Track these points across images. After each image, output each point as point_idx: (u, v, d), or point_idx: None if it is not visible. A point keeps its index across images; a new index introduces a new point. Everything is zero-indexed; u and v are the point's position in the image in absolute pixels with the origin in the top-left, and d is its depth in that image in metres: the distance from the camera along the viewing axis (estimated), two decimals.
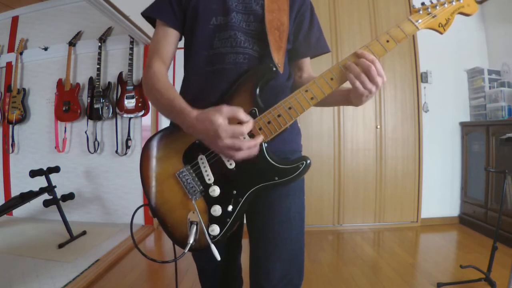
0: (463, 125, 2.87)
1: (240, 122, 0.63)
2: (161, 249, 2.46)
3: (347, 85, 0.69)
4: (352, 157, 2.81)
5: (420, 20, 0.68)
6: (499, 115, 2.57)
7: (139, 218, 2.83)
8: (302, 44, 0.83)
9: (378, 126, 2.81)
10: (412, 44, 2.83)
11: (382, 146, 2.81)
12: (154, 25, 0.82)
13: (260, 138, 0.65)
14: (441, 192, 2.88)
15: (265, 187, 0.69)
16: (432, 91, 2.85)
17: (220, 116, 0.60)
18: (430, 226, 2.80)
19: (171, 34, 0.79)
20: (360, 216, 2.82)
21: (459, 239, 2.51)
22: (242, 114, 0.62)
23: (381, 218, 2.82)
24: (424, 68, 2.85)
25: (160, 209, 0.73)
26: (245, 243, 0.86)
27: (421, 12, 0.69)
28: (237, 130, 0.61)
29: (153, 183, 0.73)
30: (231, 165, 0.69)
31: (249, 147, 0.63)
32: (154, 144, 0.75)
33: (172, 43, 0.79)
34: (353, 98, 0.69)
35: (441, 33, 0.70)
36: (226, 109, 0.61)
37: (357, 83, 0.63)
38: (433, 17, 0.68)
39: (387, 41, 0.67)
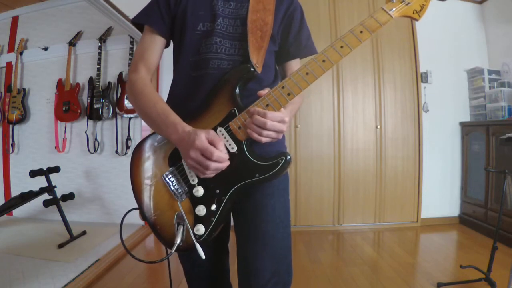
0: (463, 125, 2.87)
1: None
2: (161, 249, 2.46)
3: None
4: (352, 157, 2.81)
5: (393, 9, 0.68)
6: (499, 115, 2.57)
7: (139, 218, 2.83)
8: (293, 45, 0.83)
9: (378, 126, 2.81)
10: (412, 44, 2.83)
11: (382, 146, 2.81)
12: (142, 31, 0.83)
13: (226, 163, 0.66)
14: (441, 192, 2.88)
15: (248, 184, 0.69)
16: (432, 91, 2.85)
17: (205, 133, 0.63)
18: (430, 226, 2.80)
19: (158, 41, 0.80)
20: (360, 216, 2.82)
21: (459, 239, 2.51)
22: (220, 144, 0.64)
23: (381, 218, 2.82)
24: (424, 68, 2.85)
25: (149, 211, 0.75)
26: (232, 247, 0.86)
27: (394, 0, 0.69)
28: (208, 149, 0.62)
29: (142, 187, 0.75)
30: None
31: (216, 169, 0.65)
32: (143, 148, 0.77)
33: (158, 50, 0.81)
34: None
35: (416, 19, 0.70)
36: (212, 133, 0.64)
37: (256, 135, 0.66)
38: (407, 4, 0.68)
39: (361, 32, 0.67)
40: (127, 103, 2.74)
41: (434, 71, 2.85)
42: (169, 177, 0.72)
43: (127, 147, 2.84)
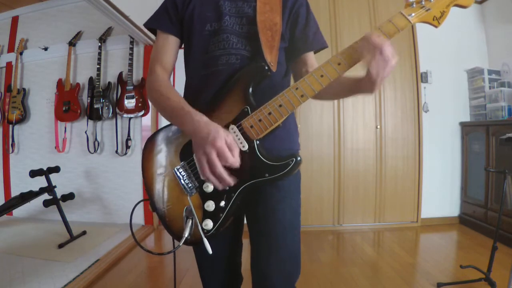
0: (463, 125, 2.87)
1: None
2: (161, 249, 2.46)
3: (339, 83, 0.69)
4: (352, 157, 2.81)
5: (413, 14, 0.66)
6: (499, 115, 2.57)
7: (139, 218, 2.83)
8: (300, 40, 0.84)
9: (378, 126, 2.81)
10: (412, 44, 2.83)
11: (382, 146, 2.81)
12: (155, 34, 0.85)
13: (231, 182, 0.65)
14: (441, 192, 2.88)
15: (257, 183, 0.70)
16: (432, 91, 2.85)
17: (225, 134, 0.64)
18: (430, 226, 2.80)
19: (171, 42, 0.82)
20: (360, 216, 2.82)
21: (459, 239, 2.51)
22: (236, 152, 0.64)
23: (381, 218, 2.82)
24: (424, 68, 2.85)
25: (159, 203, 0.76)
26: (246, 242, 0.87)
27: (414, 5, 0.66)
28: (226, 153, 0.62)
29: (153, 178, 0.77)
30: None
31: (220, 176, 0.64)
32: (155, 141, 0.79)
33: (171, 50, 0.83)
34: (366, 81, 0.67)
35: (435, 26, 0.68)
36: (232, 137, 0.66)
37: (369, 58, 0.63)
38: (427, 10, 0.66)
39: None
40: (127, 103, 2.74)
41: (434, 71, 2.85)
42: (180, 171, 0.73)
43: (127, 147, 2.84)
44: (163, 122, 2.94)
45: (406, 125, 2.83)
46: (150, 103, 2.82)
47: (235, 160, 0.63)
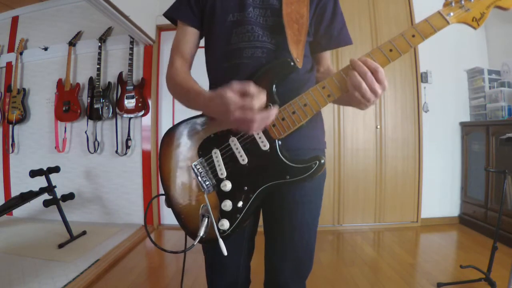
0: (463, 125, 2.87)
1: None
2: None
3: None
4: (352, 157, 2.81)
5: (451, 14, 0.62)
6: (499, 115, 2.56)
7: (139, 218, 2.83)
8: (323, 37, 0.81)
9: (378, 126, 2.81)
10: None
11: (382, 146, 2.81)
12: (176, 24, 0.85)
13: (274, 110, 0.60)
14: (441, 192, 2.88)
15: (277, 185, 0.68)
16: (432, 91, 2.85)
17: (229, 90, 0.58)
18: (430, 226, 2.80)
19: (191, 33, 0.81)
20: (360, 216, 2.82)
21: (459, 239, 2.51)
22: (252, 88, 0.58)
23: (381, 218, 2.82)
24: (424, 68, 2.85)
25: (175, 199, 0.74)
26: (258, 241, 0.88)
27: (453, 4, 0.62)
28: (246, 103, 0.57)
29: (170, 173, 0.75)
30: (243, 160, 0.68)
31: (262, 118, 0.59)
32: (173, 135, 0.76)
33: (192, 41, 0.82)
34: (353, 104, 0.68)
35: (474, 28, 0.64)
36: (236, 85, 0.59)
37: (356, 93, 0.61)
38: (466, 10, 0.63)
39: (413, 36, 0.62)
40: (127, 103, 2.74)
41: (434, 71, 2.85)
42: (197, 167, 0.71)
43: (127, 147, 2.84)
44: (164, 122, 2.94)
45: (406, 125, 2.83)
46: (149, 103, 2.82)
47: (256, 99, 0.57)
